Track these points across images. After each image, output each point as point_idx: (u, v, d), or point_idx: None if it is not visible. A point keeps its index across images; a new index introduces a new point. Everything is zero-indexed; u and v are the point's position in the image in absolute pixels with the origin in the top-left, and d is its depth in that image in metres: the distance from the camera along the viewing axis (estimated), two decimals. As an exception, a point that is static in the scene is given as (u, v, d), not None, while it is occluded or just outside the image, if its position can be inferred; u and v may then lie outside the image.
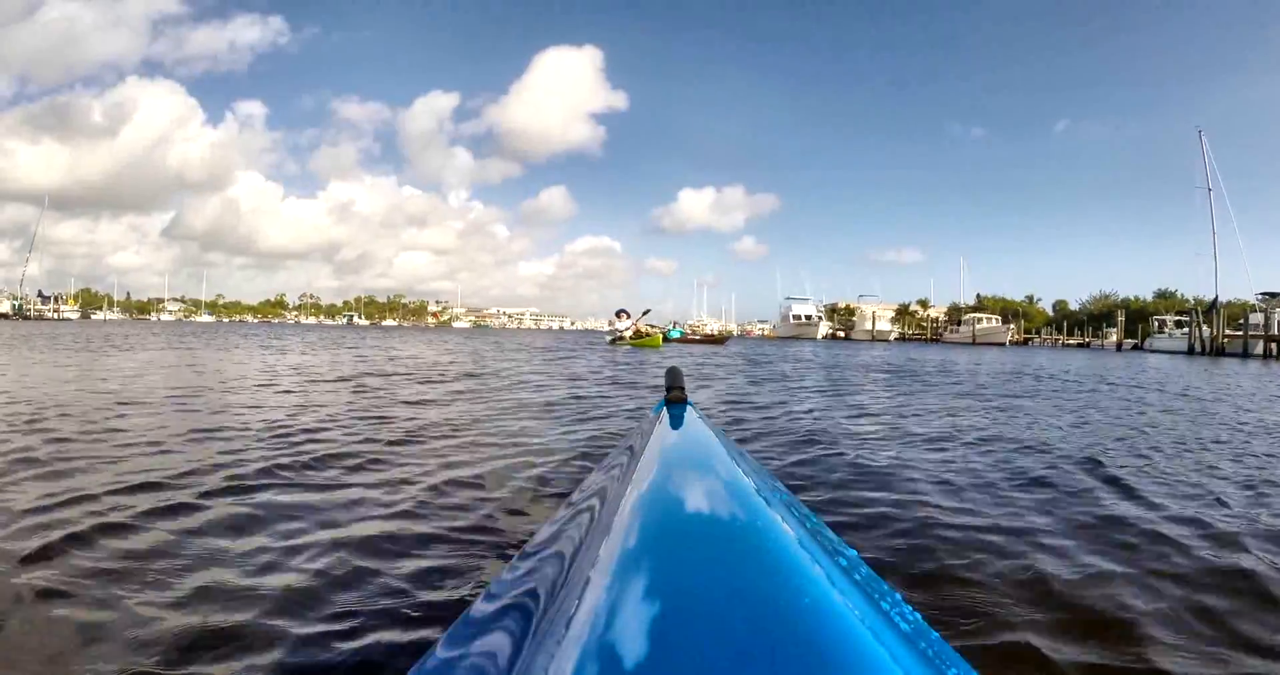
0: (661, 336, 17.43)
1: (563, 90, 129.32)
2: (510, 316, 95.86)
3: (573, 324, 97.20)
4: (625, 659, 0.28)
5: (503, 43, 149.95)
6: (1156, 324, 37.96)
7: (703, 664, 0.28)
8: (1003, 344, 41.31)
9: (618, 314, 18.17)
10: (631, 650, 0.29)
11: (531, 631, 0.40)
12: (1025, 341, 47.43)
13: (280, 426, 3.13)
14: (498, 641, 0.44)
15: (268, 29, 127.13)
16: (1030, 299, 60.92)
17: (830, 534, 0.60)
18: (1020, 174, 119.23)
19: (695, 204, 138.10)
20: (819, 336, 54.71)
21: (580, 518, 0.63)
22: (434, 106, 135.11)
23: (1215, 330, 29.06)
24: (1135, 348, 37.24)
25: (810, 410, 4.43)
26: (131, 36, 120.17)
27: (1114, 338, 39.95)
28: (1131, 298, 51.17)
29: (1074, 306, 56.57)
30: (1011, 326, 46.23)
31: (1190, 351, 29.33)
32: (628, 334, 17.39)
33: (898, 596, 0.43)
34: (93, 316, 67.07)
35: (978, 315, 49.12)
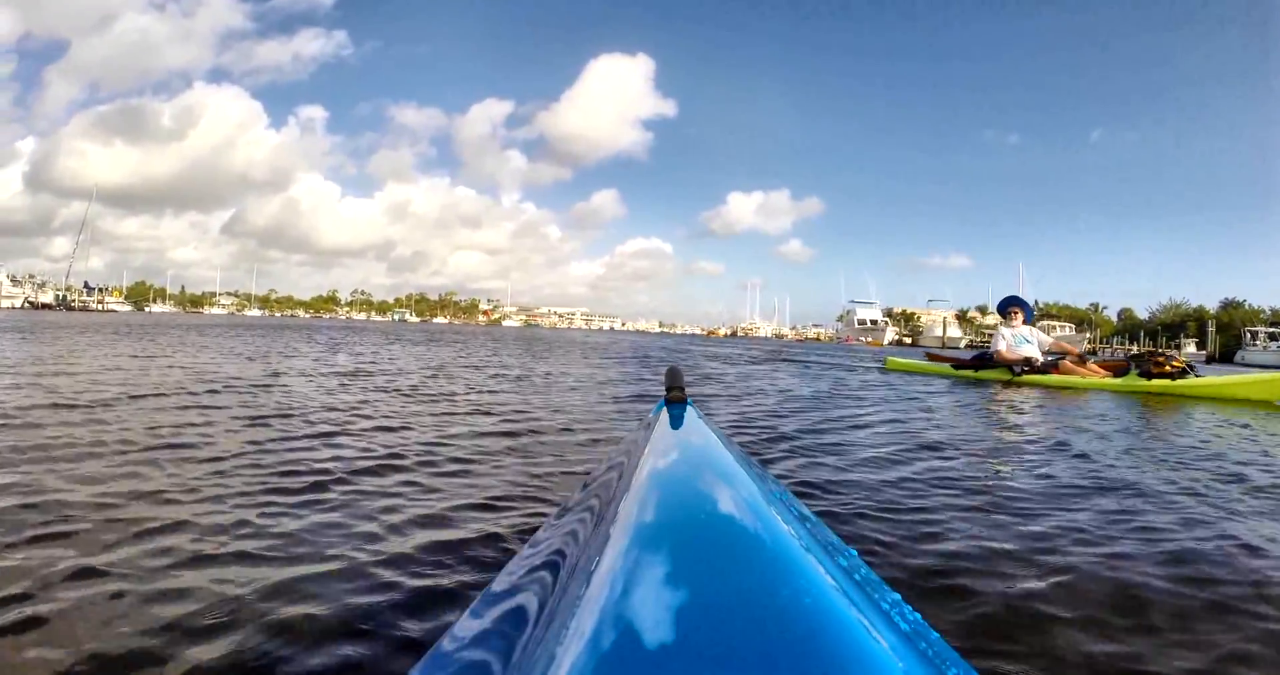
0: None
1: (613, 97, 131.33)
2: (561, 316, 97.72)
3: (623, 325, 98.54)
4: (625, 659, 0.29)
5: (556, 51, 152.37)
6: (1248, 335, 37.26)
7: (703, 664, 0.28)
8: (1078, 353, 41.40)
9: (1006, 312, 7.71)
10: (632, 650, 0.29)
11: (532, 632, 0.40)
12: (1091, 352, 47.30)
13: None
14: (498, 641, 0.45)
15: (330, 42, 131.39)
16: (1095, 307, 60.59)
17: (830, 534, 0.61)
18: (1060, 181, 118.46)
19: (743, 207, 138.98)
20: (885, 342, 55.29)
21: (579, 518, 0.64)
22: (489, 113, 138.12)
23: (1318, 343, 28.97)
24: (1213, 359, 36.90)
25: None
26: (200, 48, 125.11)
27: (1190, 349, 39.65)
28: (1201, 307, 50.92)
29: (1141, 315, 56.49)
30: (1087, 334, 46.21)
31: (1289, 365, 29.39)
32: (1074, 359, 6.96)
33: (898, 596, 0.43)
34: (146, 309, 68.31)
35: (1050, 323, 49.35)
